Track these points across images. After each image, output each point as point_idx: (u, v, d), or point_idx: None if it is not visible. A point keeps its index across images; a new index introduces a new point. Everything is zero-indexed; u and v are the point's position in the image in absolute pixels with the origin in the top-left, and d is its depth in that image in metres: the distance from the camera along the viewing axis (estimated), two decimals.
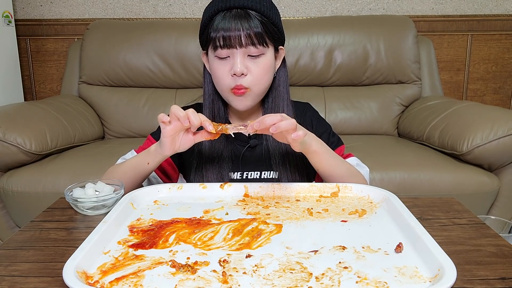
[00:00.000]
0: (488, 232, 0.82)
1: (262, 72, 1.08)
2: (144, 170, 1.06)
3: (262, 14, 1.06)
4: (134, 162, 1.07)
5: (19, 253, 0.74)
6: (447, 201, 0.98)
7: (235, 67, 1.04)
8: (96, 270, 0.67)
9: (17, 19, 2.80)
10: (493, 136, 1.79)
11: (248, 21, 1.03)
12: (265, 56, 1.08)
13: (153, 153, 1.03)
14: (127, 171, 1.07)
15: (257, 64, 1.07)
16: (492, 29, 2.86)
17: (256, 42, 1.04)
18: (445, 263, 0.64)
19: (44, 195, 1.84)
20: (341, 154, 1.19)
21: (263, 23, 1.05)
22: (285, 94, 1.16)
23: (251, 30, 1.03)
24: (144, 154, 1.05)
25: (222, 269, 0.66)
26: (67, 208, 0.95)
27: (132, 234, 0.80)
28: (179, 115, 0.92)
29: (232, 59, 1.06)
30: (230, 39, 1.03)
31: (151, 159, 1.04)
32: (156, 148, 1.02)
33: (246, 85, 1.06)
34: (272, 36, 1.08)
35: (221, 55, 1.06)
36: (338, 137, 1.24)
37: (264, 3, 1.07)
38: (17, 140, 1.85)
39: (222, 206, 0.93)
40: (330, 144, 1.19)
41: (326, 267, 0.66)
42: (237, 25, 1.03)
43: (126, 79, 2.54)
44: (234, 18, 1.03)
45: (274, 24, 1.08)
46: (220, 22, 1.04)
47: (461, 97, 2.96)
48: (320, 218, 0.86)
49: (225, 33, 1.03)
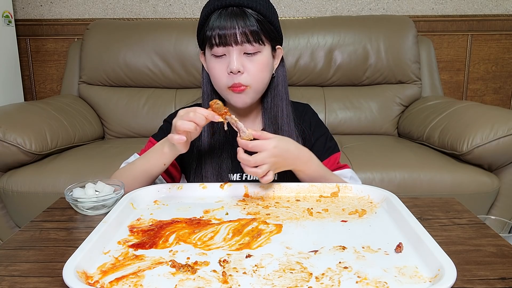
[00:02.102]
0: (488, 232, 0.82)
1: (258, 69, 1.08)
2: (159, 172, 1.07)
3: (259, 12, 1.06)
4: (146, 166, 1.06)
5: (19, 253, 0.75)
6: (447, 201, 0.98)
7: (231, 65, 1.04)
8: (96, 270, 0.67)
9: (17, 19, 2.80)
10: (493, 136, 1.79)
11: (244, 19, 1.03)
12: (262, 54, 1.08)
13: (168, 154, 1.02)
14: (139, 176, 1.06)
15: (253, 62, 1.07)
16: (492, 29, 2.86)
17: (252, 39, 1.04)
18: (445, 263, 0.64)
19: (44, 195, 1.84)
20: (336, 161, 1.18)
21: (259, 21, 1.05)
22: (284, 94, 1.16)
23: (247, 28, 1.03)
24: (157, 156, 1.04)
25: (222, 269, 0.66)
26: (67, 208, 0.95)
27: (132, 234, 0.80)
28: (189, 128, 0.92)
29: (228, 57, 1.06)
30: (225, 36, 1.03)
31: (167, 160, 1.04)
32: (169, 149, 1.01)
33: (244, 82, 1.06)
34: (268, 34, 1.08)
35: (217, 53, 1.06)
36: (335, 143, 1.23)
37: (260, 1, 1.07)
38: (17, 140, 1.85)
39: (222, 206, 0.93)
40: (326, 149, 1.19)
41: (326, 267, 0.66)
42: (232, 23, 1.03)
43: (126, 79, 2.54)
44: (230, 16, 1.03)
45: (271, 22, 1.08)
46: (216, 20, 1.04)
47: (461, 97, 2.96)
48: (320, 218, 0.86)
49: (220, 31, 1.03)
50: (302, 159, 1.03)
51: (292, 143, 1.02)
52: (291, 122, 1.16)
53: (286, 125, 1.15)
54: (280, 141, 0.98)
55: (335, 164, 1.17)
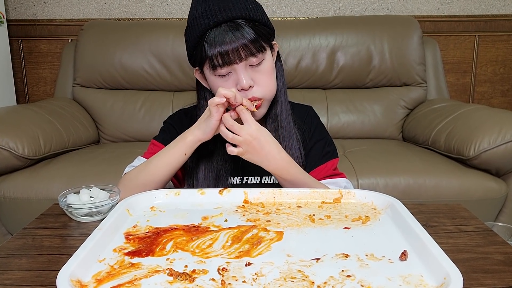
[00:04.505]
0: (495, 239, 0.82)
1: (267, 78, 1.08)
2: (180, 163, 1.08)
3: (251, 19, 1.04)
4: (167, 159, 1.08)
5: (12, 261, 0.75)
6: (453, 207, 0.98)
7: (241, 83, 1.04)
8: (91, 278, 0.67)
9: (9, 20, 2.81)
10: (501, 140, 1.80)
11: (241, 33, 1.02)
12: (265, 60, 1.08)
13: (191, 143, 1.05)
14: (158, 171, 1.07)
15: (260, 73, 1.07)
16: (499, 29, 2.86)
17: (255, 51, 1.03)
18: (451, 272, 0.64)
19: (37, 201, 1.84)
20: (332, 167, 1.18)
21: (255, 29, 1.04)
22: (282, 89, 1.17)
23: (247, 40, 1.02)
24: (178, 147, 1.06)
25: (221, 277, 0.66)
26: (61, 215, 0.95)
27: (128, 241, 0.80)
28: (229, 95, 0.98)
29: (235, 74, 1.05)
30: (228, 55, 1.02)
31: (188, 150, 1.06)
32: (193, 137, 1.05)
33: (258, 95, 1.07)
34: (266, 37, 1.07)
35: (222, 73, 1.05)
36: (334, 149, 1.23)
37: (249, 6, 1.05)
38: (9, 144, 1.85)
39: (221, 212, 0.93)
40: (323, 154, 1.19)
41: (329, 276, 0.66)
42: (231, 39, 1.01)
43: (122, 82, 2.54)
44: (226, 33, 1.01)
45: (264, 23, 1.07)
46: (213, 40, 1.02)
47: (467, 100, 2.97)
48: (322, 225, 0.86)
49: (221, 50, 1.01)
50: (279, 162, 1.04)
51: (274, 142, 1.04)
52: (290, 118, 1.17)
53: (285, 121, 1.16)
54: (260, 132, 1.01)
55: (331, 171, 1.17)
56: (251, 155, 1.02)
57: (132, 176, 1.11)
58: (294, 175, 1.06)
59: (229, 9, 1.02)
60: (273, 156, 1.03)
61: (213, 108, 0.99)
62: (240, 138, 0.99)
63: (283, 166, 1.05)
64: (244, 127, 1.00)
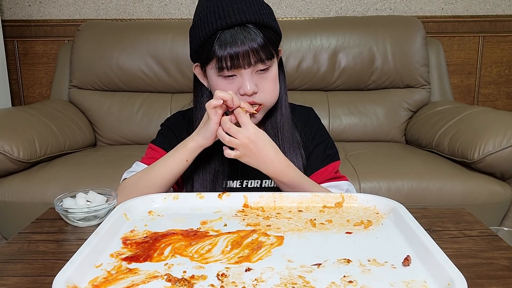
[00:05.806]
0: (500, 244, 0.82)
1: (271, 85, 1.09)
2: (182, 170, 1.08)
3: (263, 24, 1.04)
4: (168, 166, 1.07)
5: (7, 267, 0.75)
6: (457, 211, 0.98)
7: (245, 88, 1.04)
8: (87, 284, 0.67)
9: (4, 20, 2.81)
10: (506, 143, 1.80)
11: (253, 38, 1.02)
12: (272, 67, 1.08)
13: (192, 149, 1.05)
14: (159, 177, 1.07)
15: (265, 79, 1.07)
16: (504, 30, 2.87)
17: (264, 58, 1.03)
18: (456, 277, 0.64)
19: (32, 206, 1.84)
20: (333, 170, 1.19)
21: (266, 35, 1.04)
22: (284, 94, 1.17)
23: (257, 46, 1.02)
24: (180, 153, 1.06)
25: (220, 283, 0.66)
26: (56, 219, 0.95)
27: (125, 246, 0.80)
28: (225, 97, 0.98)
29: (240, 77, 1.05)
30: (238, 59, 1.02)
31: (189, 156, 1.06)
32: (194, 143, 1.05)
33: (258, 101, 1.07)
34: (275, 44, 1.08)
35: (226, 74, 1.05)
36: (336, 152, 1.23)
37: (262, 10, 1.05)
38: (4, 147, 1.86)
39: (220, 217, 0.93)
40: (324, 156, 1.19)
41: (330, 281, 0.66)
42: (243, 43, 1.01)
43: (119, 83, 2.54)
44: (238, 36, 1.01)
45: (274, 29, 1.07)
46: (224, 42, 1.02)
47: (472, 102, 2.97)
48: (324, 230, 0.86)
49: (232, 53, 1.01)
50: (277, 166, 1.05)
51: (272, 146, 1.04)
52: (290, 123, 1.17)
53: (285, 126, 1.16)
54: (257, 136, 1.01)
55: (332, 173, 1.17)
56: (249, 158, 1.02)
57: (132, 182, 1.11)
58: (293, 179, 1.06)
59: (243, 12, 1.02)
60: (271, 159, 1.03)
61: (211, 111, 0.99)
62: (237, 141, 1.00)
63: (281, 170, 1.05)
64: (242, 130, 1.00)
